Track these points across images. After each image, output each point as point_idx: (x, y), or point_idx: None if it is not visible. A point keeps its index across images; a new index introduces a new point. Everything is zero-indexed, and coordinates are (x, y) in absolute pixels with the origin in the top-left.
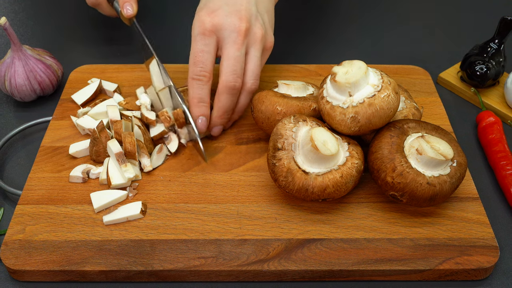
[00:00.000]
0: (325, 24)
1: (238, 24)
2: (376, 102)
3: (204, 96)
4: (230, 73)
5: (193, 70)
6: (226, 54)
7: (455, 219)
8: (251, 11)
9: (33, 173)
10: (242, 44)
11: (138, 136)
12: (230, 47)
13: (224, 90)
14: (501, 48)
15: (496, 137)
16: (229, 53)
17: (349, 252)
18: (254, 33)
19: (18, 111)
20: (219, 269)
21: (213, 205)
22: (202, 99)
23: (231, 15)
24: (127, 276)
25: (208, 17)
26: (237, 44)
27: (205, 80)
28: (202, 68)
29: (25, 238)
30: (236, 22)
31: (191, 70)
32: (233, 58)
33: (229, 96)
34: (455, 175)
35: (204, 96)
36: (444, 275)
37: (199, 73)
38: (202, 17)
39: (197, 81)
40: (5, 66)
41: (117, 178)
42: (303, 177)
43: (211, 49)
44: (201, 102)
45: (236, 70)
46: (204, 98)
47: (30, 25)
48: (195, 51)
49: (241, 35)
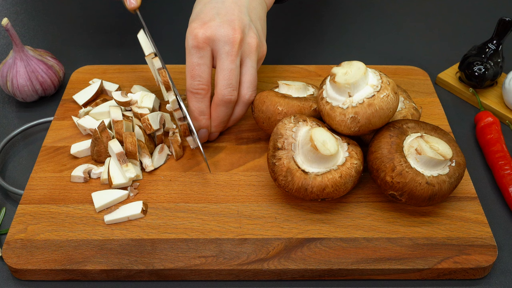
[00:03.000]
0: (325, 25)
1: (232, 35)
2: (376, 103)
3: (204, 109)
4: (225, 86)
5: (191, 83)
6: (221, 66)
7: (453, 218)
8: (244, 20)
9: (35, 173)
10: (236, 56)
11: (139, 136)
12: (225, 59)
13: (220, 103)
14: (499, 48)
15: (494, 137)
16: (223, 65)
17: (348, 251)
18: (248, 43)
19: (20, 111)
20: (220, 268)
21: (213, 205)
22: (202, 112)
23: (224, 25)
24: (128, 275)
25: (201, 30)
26: (231, 56)
27: (203, 93)
28: (199, 81)
29: (27, 238)
30: (230, 33)
31: (189, 84)
32: (228, 70)
33: (224, 108)
34: (453, 175)
35: (204, 109)
36: (443, 274)
37: (197, 86)
38: (195, 29)
39: (196, 95)
40: (7, 66)
41: (118, 178)
42: (302, 177)
43: (206, 61)
44: (202, 115)
45: (231, 84)
46: (204, 111)
47: (31, 26)
48: (191, 64)
49: (235, 46)
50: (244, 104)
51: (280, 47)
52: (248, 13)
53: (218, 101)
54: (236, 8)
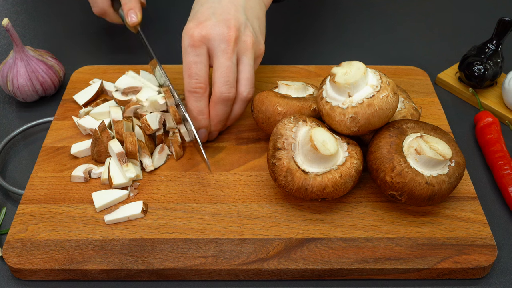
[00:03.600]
0: (325, 24)
1: (227, 33)
2: (375, 103)
3: (203, 108)
4: (223, 83)
5: (189, 82)
6: (217, 64)
7: (453, 218)
8: (239, 19)
9: (35, 172)
10: (232, 53)
11: (139, 136)
12: (221, 57)
13: (219, 101)
14: (499, 49)
15: (494, 137)
16: (220, 63)
17: (348, 251)
18: (244, 41)
19: (20, 111)
20: (220, 268)
21: (213, 205)
22: (201, 111)
23: (219, 24)
24: (128, 275)
25: (196, 29)
26: (227, 53)
27: (201, 92)
28: (197, 80)
29: (27, 237)
30: (225, 31)
31: (186, 83)
32: (224, 68)
33: (223, 106)
34: (453, 175)
35: (203, 108)
36: (443, 274)
37: (195, 85)
38: (190, 29)
39: (194, 94)
40: (7, 66)
41: (119, 177)
42: (302, 177)
43: (203, 59)
44: (201, 114)
45: (228, 81)
46: (203, 110)
47: (32, 26)
48: (188, 63)
49: (230, 44)
50: (242, 101)
51: (280, 47)
52: (245, 12)
53: (216, 99)
54: (232, 7)
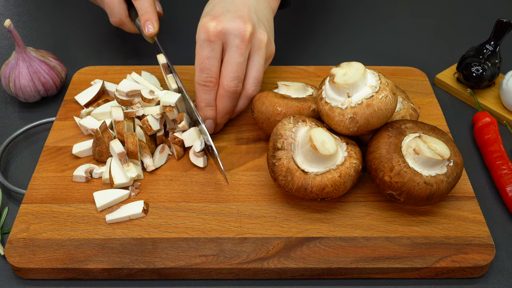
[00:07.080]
0: (324, 25)
1: (243, 27)
2: (374, 103)
3: (211, 101)
4: (232, 78)
5: (200, 76)
6: (229, 58)
7: (451, 218)
8: (253, 18)
9: (37, 172)
10: (245, 49)
11: (140, 136)
12: (234, 52)
13: (226, 94)
14: (497, 49)
15: (492, 137)
16: (232, 58)
17: (347, 250)
18: (258, 38)
19: (22, 111)
20: (220, 267)
21: (213, 204)
22: (209, 103)
23: (235, 19)
24: (129, 274)
25: (212, 23)
26: (240, 49)
27: (211, 86)
28: (208, 74)
29: (29, 237)
30: (241, 26)
31: (197, 76)
32: (236, 63)
33: (230, 99)
34: (451, 175)
35: (211, 101)
36: (441, 273)
37: (206, 79)
38: (206, 23)
39: (204, 87)
40: (9, 67)
41: (120, 177)
42: (302, 177)
43: (216, 55)
44: (208, 106)
45: (238, 76)
46: (211, 102)
47: (34, 27)
48: (201, 58)
49: (245, 40)
50: (246, 98)
51: (279, 48)
52: (256, 14)
53: (224, 92)
54: (245, 7)
